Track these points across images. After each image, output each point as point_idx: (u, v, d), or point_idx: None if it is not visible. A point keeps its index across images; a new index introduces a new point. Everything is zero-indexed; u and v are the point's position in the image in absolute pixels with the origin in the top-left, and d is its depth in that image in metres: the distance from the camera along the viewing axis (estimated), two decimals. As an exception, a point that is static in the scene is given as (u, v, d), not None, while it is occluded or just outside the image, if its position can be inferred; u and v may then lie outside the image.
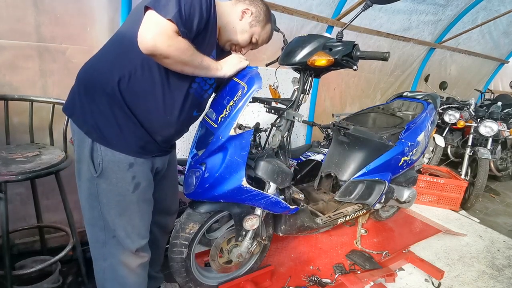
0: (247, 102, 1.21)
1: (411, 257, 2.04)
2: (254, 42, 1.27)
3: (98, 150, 1.03)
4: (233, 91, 1.26)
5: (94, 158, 1.04)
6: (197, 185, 1.30)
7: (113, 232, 1.11)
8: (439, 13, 3.62)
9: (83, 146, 1.04)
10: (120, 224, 1.11)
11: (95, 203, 1.08)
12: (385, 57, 1.21)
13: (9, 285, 1.35)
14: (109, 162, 1.04)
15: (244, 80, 1.24)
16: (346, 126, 2.04)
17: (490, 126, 3.31)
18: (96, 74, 1.04)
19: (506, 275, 2.06)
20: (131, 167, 1.08)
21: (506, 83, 5.95)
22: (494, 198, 3.51)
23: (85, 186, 1.08)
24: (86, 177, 1.06)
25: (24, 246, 1.86)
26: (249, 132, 1.26)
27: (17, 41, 1.62)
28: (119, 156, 1.05)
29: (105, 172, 1.05)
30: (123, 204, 1.10)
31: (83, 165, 1.06)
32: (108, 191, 1.07)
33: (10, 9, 1.58)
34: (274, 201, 1.42)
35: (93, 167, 1.04)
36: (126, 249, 1.14)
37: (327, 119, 3.41)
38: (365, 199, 1.96)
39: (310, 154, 2.27)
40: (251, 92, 1.21)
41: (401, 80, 4.25)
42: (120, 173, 1.06)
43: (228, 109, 1.22)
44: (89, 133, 1.03)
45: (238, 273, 1.72)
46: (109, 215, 1.09)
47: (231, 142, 1.22)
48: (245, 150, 1.25)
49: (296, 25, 2.73)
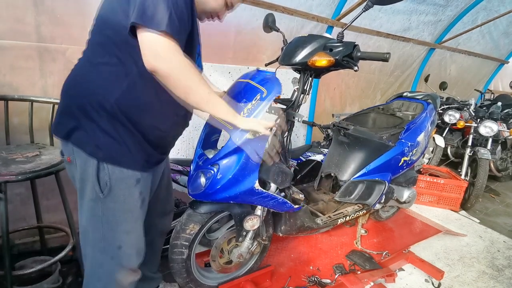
0: (267, 106, 1.22)
1: (411, 257, 2.04)
2: (230, 4, 1.14)
3: (105, 169, 0.98)
4: (250, 94, 1.26)
5: (101, 177, 0.99)
6: (208, 186, 1.30)
7: (115, 251, 1.07)
8: (439, 14, 3.63)
9: (86, 166, 0.98)
10: (129, 241, 1.08)
11: (98, 224, 1.04)
12: (385, 58, 1.21)
13: (9, 285, 1.35)
14: (116, 180, 1.00)
15: (263, 84, 1.25)
16: (346, 126, 2.04)
17: (490, 127, 3.31)
18: (91, 91, 0.96)
19: (506, 276, 2.06)
20: (138, 182, 1.05)
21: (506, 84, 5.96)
22: (494, 199, 3.51)
23: (88, 207, 1.03)
24: (89, 197, 1.01)
25: (24, 246, 1.86)
26: (266, 136, 1.27)
27: (17, 41, 1.62)
28: (127, 173, 1.01)
29: (112, 190, 1.00)
30: (131, 221, 1.07)
31: (87, 185, 1.01)
32: (115, 209, 1.03)
33: (10, 9, 1.58)
34: (281, 201, 1.46)
35: (98, 187, 0.99)
36: (125, 268, 1.11)
37: (327, 119, 3.41)
38: (365, 199, 1.96)
39: (310, 154, 2.27)
40: (271, 97, 1.22)
41: (401, 80, 4.25)
42: (128, 190, 1.03)
43: (246, 112, 1.22)
44: (93, 154, 0.97)
45: (238, 273, 1.72)
46: (116, 232, 1.06)
47: (247, 145, 1.23)
48: (260, 153, 1.27)
49: (296, 25, 2.73)
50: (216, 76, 2.37)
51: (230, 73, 2.45)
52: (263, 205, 1.44)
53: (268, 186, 1.45)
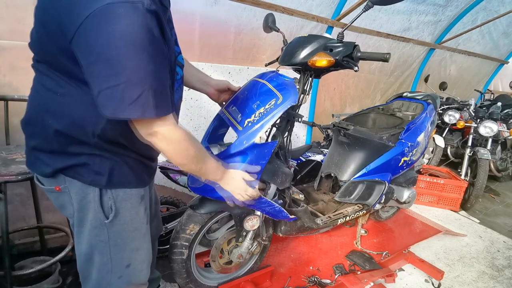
0: (279, 113, 1.21)
1: (411, 257, 2.04)
2: None
3: (108, 194, 0.92)
4: (265, 97, 1.25)
5: (104, 203, 0.92)
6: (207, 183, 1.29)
7: (123, 270, 1.03)
8: (439, 14, 3.63)
9: (85, 194, 0.91)
10: (138, 258, 1.05)
11: (104, 249, 0.97)
12: (385, 58, 1.21)
13: (9, 285, 1.35)
14: (121, 202, 0.95)
15: (280, 90, 1.24)
16: (346, 127, 2.04)
17: (490, 127, 3.31)
18: (71, 124, 0.82)
19: (506, 276, 2.06)
20: (143, 199, 1.01)
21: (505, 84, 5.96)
22: (494, 199, 3.51)
23: (91, 234, 0.96)
24: (92, 226, 0.94)
25: (24, 246, 1.85)
26: (273, 143, 1.27)
27: (17, 42, 1.62)
28: (130, 192, 0.96)
29: (118, 214, 0.95)
30: (139, 238, 1.04)
31: (87, 214, 0.93)
32: (122, 231, 0.98)
33: (10, 10, 1.58)
34: (278, 210, 1.44)
35: (102, 214, 0.92)
36: (135, 284, 1.07)
37: (327, 119, 3.42)
38: (365, 200, 1.96)
39: (310, 155, 2.27)
40: (286, 105, 1.21)
41: (401, 80, 4.26)
42: (134, 209, 0.99)
43: (258, 115, 1.22)
44: (94, 183, 0.89)
45: (238, 274, 1.72)
46: (124, 252, 1.01)
47: (253, 149, 1.22)
48: (265, 159, 1.26)
49: (296, 25, 2.73)
50: (216, 76, 2.37)
51: (230, 73, 2.45)
52: (260, 210, 1.44)
53: (268, 186, 1.45)
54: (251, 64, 2.62)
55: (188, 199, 1.95)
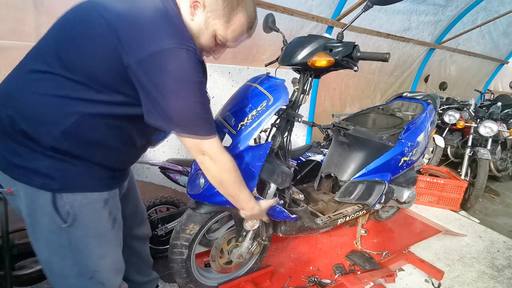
0: (272, 114, 1.22)
1: (411, 257, 2.04)
2: (220, 43, 1.00)
3: (63, 198, 0.87)
4: (256, 100, 1.26)
5: (59, 207, 0.87)
6: (206, 188, 1.29)
7: (92, 273, 0.98)
8: (439, 14, 3.63)
9: (35, 199, 0.86)
10: (104, 265, 1.00)
11: (66, 253, 0.92)
12: (385, 58, 1.21)
13: (9, 285, 1.35)
14: (81, 206, 0.89)
15: (271, 91, 1.24)
16: (346, 127, 2.05)
17: (490, 127, 3.31)
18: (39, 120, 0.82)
19: (506, 276, 2.06)
20: (107, 203, 0.96)
21: (505, 84, 5.96)
22: (494, 199, 3.51)
23: (49, 240, 0.91)
24: (50, 230, 0.89)
25: (24, 246, 1.85)
26: (268, 144, 1.27)
27: (17, 42, 1.62)
28: (91, 196, 0.91)
29: (77, 218, 0.89)
30: (104, 244, 0.98)
31: (41, 218, 0.88)
32: (84, 236, 0.93)
33: (10, 10, 1.58)
34: (279, 210, 1.45)
35: (59, 218, 0.87)
36: (108, 286, 1.04)
37: (327, 119, 3.42)
38: (365, 200, 1.96)
39: (310, 155, 2.27)
40: (277, 106, 1.21)
41: (401, 80, 4.26)
42: (95, 214, 0.93)
43: (250, 118, 1.22)
44: (45, 187, 0.84)
45: (238, 274, 1.72)
46: (89, 259, 0.96)
47: (248, 152, 1.23)
48: (260, 161, 1.25)
49: (296, 25, 2.73)
50: (216, 76, 2.38)
51: (230, 73, 2.45)
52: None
53: (268, 187, 1.45)
54: (251, 64, 2.62)
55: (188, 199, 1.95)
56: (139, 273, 1.45)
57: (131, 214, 1.29)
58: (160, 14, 0.84)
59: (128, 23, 0.81)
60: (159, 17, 0.83)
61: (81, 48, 0.82)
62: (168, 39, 0.81)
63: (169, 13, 0.86)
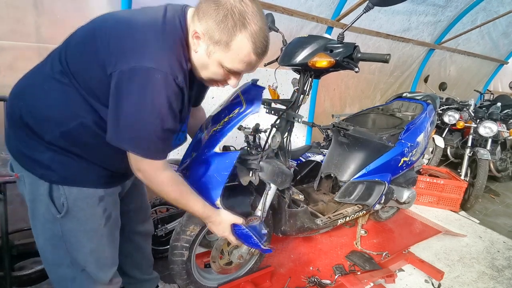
0: (240, 122, 1.19)
1: (411, 258, 2.04)
2: (229, 71, 0.92)
3: (60, 190, 0.91)
4: (233, 106, 1.24)
5: (55, 198, 0.91)
6: None
7: (82, 266, 1.01)
8: (438, 14, 3.64)
9: (36, 187, 0.91)
10: (92, 260, 1.02)
11: (59, 243, 0.96)
12: (386, 59, 1.21)
13: (8, 286, 1.35)
14: (75, 200, 0.93)
15: (246, 99, 1.22)
16: (346, 127, 2.04)
17: (489, 127, 3.31)
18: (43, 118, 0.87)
19: (506, 276, 2.06)
20: (102, 200, 0.98)
21: (505, 84, 5.97)
22: (494, 199, 3.51)
23: (44, 228, 0.96)
24: (45, 219, 0.94)
25: (24, 247, 1.85)
26: (235, 153, 1.20)
27: (17, 42, 1.63)
28: (87, 191, 0.94)
29: (71, 211, 0.93)
30: (95, 240, 1.00)
31: (39, 206, 0.93)
32: (76, 230, 0.96)
33: (10, 10, 1.58)
34: (246, 233, 1.29)
35: (54, 208, 0.91)
36: (99, 281, 1.06)
37: (327, 120, 3.42)
38: (365, 200, 1.96)
39: (310, 155, 2.27)
40: (247, 114, 1.19)
41: (401, 81, 4.26)
42: (89, 209, 0.96)
43: (222, 124, 1.20)
44: (44, 177, 0.90)
45: (238, 274, 1.71)
46: (79, 253, 0.99)
47: (215, 158, 1.18)
48: (227, 170, 1.17)
49: (295, 26, 2.74)
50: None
51: (230, 73, 2.45)
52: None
53: (268, 187, 1.45)
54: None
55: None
56: (139, 269, 1.45)
57: (136, 210, 1.31)
58: (153, 33, 0.83)
59: (120, 34, 0.83)
60: (150, 36, 0.83)
61: (83, 59, 0.86)
62: (148, 60, 0.80)
63: (165, 33, 0.84)
